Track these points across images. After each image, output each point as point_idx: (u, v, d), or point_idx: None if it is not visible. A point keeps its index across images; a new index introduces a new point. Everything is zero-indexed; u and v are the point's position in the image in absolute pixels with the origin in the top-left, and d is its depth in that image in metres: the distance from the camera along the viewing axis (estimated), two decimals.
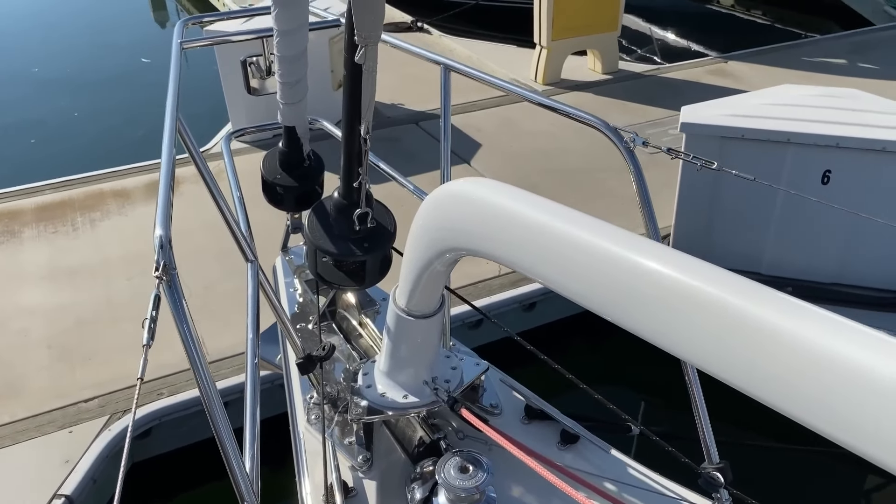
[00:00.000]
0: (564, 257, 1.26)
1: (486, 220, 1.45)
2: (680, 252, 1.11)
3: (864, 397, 0.83)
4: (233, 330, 4.21)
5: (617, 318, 1.16)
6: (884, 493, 4.23)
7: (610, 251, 1.16)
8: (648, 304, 1.10)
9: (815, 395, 0.88)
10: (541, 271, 1.32)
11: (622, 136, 1.84)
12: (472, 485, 1.75)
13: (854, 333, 0.88)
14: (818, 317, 0.92)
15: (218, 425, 1.37)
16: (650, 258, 1.11)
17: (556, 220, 1.29)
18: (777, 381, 0.93)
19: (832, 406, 0.86)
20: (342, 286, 2.17)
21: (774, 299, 0.97)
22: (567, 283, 1.26)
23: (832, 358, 0.87)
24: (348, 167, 1.93)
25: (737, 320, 0.97)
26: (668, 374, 2.00)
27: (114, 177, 6.25)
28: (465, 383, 2.06)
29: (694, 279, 1.04)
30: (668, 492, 1.90)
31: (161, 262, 1.39)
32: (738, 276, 1.03)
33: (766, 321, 0.94)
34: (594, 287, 1.21)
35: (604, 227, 1.23)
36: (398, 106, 7.48)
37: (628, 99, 7.72)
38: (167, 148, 1.77)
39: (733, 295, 0.99)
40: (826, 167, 4.28)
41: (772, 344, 0.92)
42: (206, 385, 1.38)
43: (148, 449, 3.89)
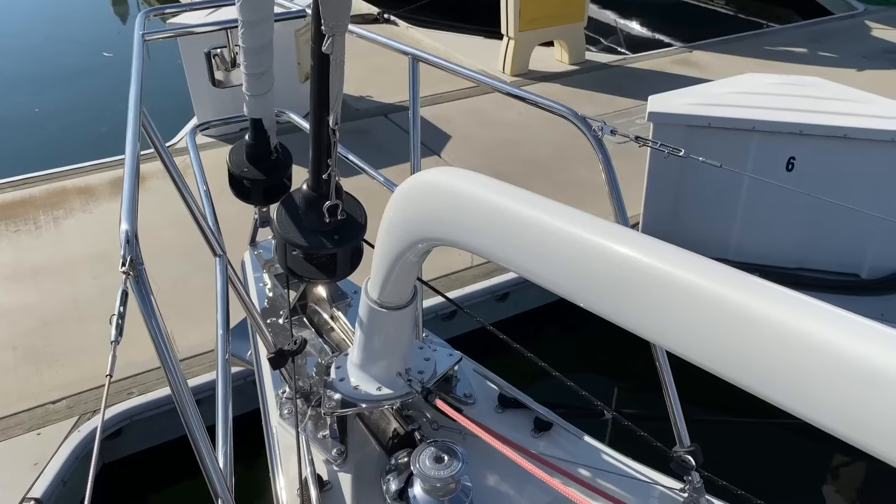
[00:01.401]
0: (535, 245, 1.26)
1: (456, 210, 1.44)
2: (649, 237, 1.13)
3: (829, 375, 0.85)
4: (203, 327, 4.16)
5: (588, 303, 1.17)
6: (851, 470, 4.33)
7: (580, 237, 1.17)
8: (619, 289, 1.11)
9: (784, 373, 0.90)
10: (512, 259, 1.32)
11: (590, 125, 1.85)
12: (447, 474, 1.76)
13: (821, 312, 0.90)
14: (785, 297, 0.94)
15: (190, 422, 1.36)
16: (620, 243, 1.12)
17: (527, 208, 1.29)
18: (744, 360, 0.94)
19: (803, 386, 0.88)
20: (313, 280, 2.16)
21: (744, 281, 0.99)
22: (538, 270, 1.27)
23: (800, 337, 0.88)
24: (317, 159, 1.92)
25: (706, 302, 0.98)
26: (639, 360, 2.03)
27: (77, 174, 6.12)
28: (439, 374, 2.06)
29: (664, 263, 1.05)
30: (640, 476, 1.92)
31: (127, 257, 1.36)
32: (707, 260, 1.05)
33: (734, 302, 0.95)
34: (565, 273, 1.21)
35: (573, 214, 1.24)
36: (366, 98, 7.44)
37: (595, 89, 7.77)
38: (131, 142, 1.73)
39: (702, 277, 1.01)
40: (790, 154, 4.36)
41: (740, 324, 0.94)
42: (177, 381, 1.36)
43: (119, 449, 3.83)
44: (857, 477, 4.34)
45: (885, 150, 4.26)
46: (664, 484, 1.90)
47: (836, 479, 4.32)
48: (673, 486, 1.89)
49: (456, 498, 1.79)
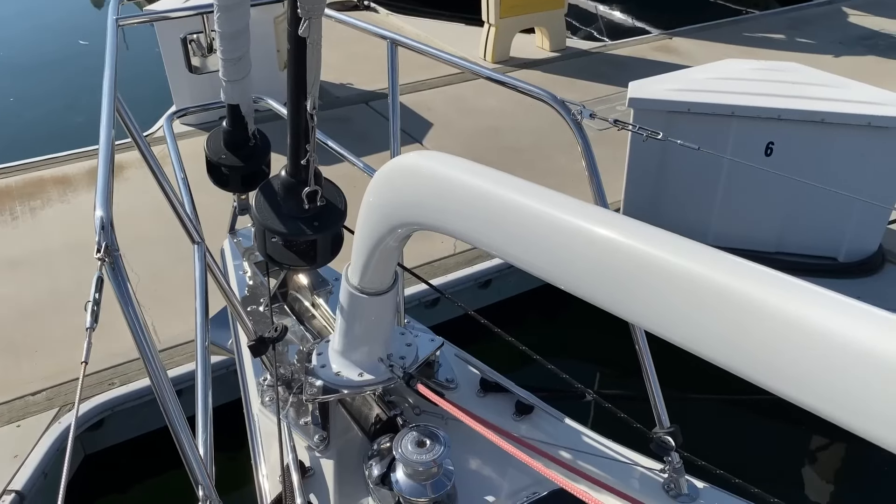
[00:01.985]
0: (515, 227, 1.26)
1: (436, 194, 1.44)
2: (628, 218, 1.13)
3: (808, 353, 0.86)
4: (184, 317, 4.13)
5: (567, 284, 1.18)
6: (828, 448, 4.40)
7: (558, 219, 1.18)
8: (598, 270, 1.11)
9: (763, 351, 0.91)
10: (492, 242, 1.32)
11: (569, 108, 1.85)
12: (429, 458, 1.77)
13: (802, 291, 0.90)
14: (764, 275, 0.95)
15: (168, 408, 1.35)
16: (598, 224, 1.12)
17: (506, 191, 1.29)
18: (723, 339, 0.95)
19: (783, 365, 0.89)
20: (293, 267, 2.15)
21: (723, 260, 0.99)
22: (518, 252, 1.27)
23: (780, 316, 0.89)
24: (295, 144, 1.90)
25: (686, 282, 0.99)
26: (620, 344, 2.04)
27: (54, 163, 6.03)
28: (421, 359, 2.06)
29: (644, 244, 1.06)
30: (621, 457, 1.94)
31: (102, 244, 1.35)
32: (688, 240, 1.05)
33: (713, 281, 0.96)
34: (544, 256, 1.22)
35: (552, 196, 1.24)
36: (347, 86, 7.39)
37: (576, 76, 7.77)
38: (105, 129, 1.71)
39: (682, 258, 1.01)
40: (769, 139, 4.39)
41: (719, 303, 0.95)
42: (154, 367, 1.35)
43: (100, 441, 3.80)
44: (833, 455, 4.42)
45: (861, 134, 4.30)
46: (644, 464, 1.92)
47: (813, 457, 4.40)
48: (653, 467, 1.91)
49: (438, 482, 1.80)
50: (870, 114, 4.26)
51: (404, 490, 1.79)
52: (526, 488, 1.89)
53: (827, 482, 4.26)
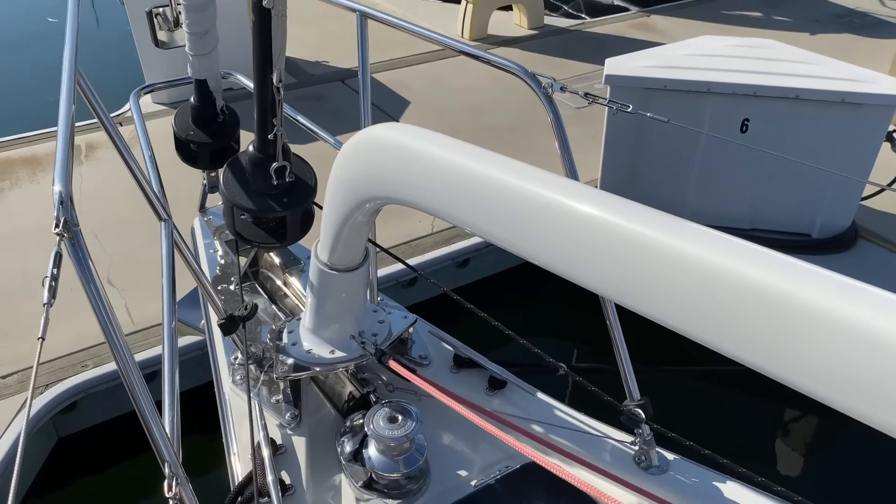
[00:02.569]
0: (484, 200, 1.25)
1: (404, 167, 1.42)
2: (601, 191, 1.12)
3: (775, 320, 0.86)
4: (158, 299, 4.06)
5: (537, 257, 1.17)
6: (799, 422, 4.48)
7: (529, 191, 1.16)
8: (566, 242, 1.10)
9: (734, 322, 0.90)
10: (462, 216, 1.31)
11: (540, 81, 1.83)
12: (401, 434, 1.76)
13: (772, 260, 0.90)
14: (735, 245, 0.94)
15: (132, 382, 1.33)
16: (570, 197, 1.11)
17: (476, 163, 1.28)
18: (694, 310, 0.95)
19: (753, 335, 0.88)
20: (263, 244, 2.12)
21: (695, 232, 0.99)
22: (487, 225, 1.25)
23: (750, 284, 0.88)
24: (262, 119, 1.87)
25: (657, 253, 0.98)
26: (593, 321, 2.04)
27: (23, 143, 5.92)
28: (394, 336, 2.05)
29: (617, 217, 1.05)
30: (592, 430, 1.95)
31: (61, 219, 1.31)
32: (661, 213, 1.04)
33: (682, 252, 0.96)
34: (514, 229, 1.20)
35: (522, 169, 1.22)
36: (322, 63, 7.30)
37: (554, 54, 7.74)
38: (65, 101, 1.66)
39: (653, 230, 1.00)
40: (744, 116, 4.40)
41: (688, 273, 0.94)
42: (115, 338, 1.32)
43: (74, 423, 3.77)
44: (803, 427, 4.50)
45: (835, 111, 4.33)
46: (615, 437, 1.93)
47: (783, 429, 4.47)
48: (624, 439, 1.92)
49: (410, 457, 1.80)
50: (844, 90, 4.29)
51: (376, 466, 1.79)
52: (498, 462, 1.89)
53: (796, 453, 4.34)
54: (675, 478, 1.83)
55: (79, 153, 5.57)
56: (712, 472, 1.83)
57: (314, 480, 1.86)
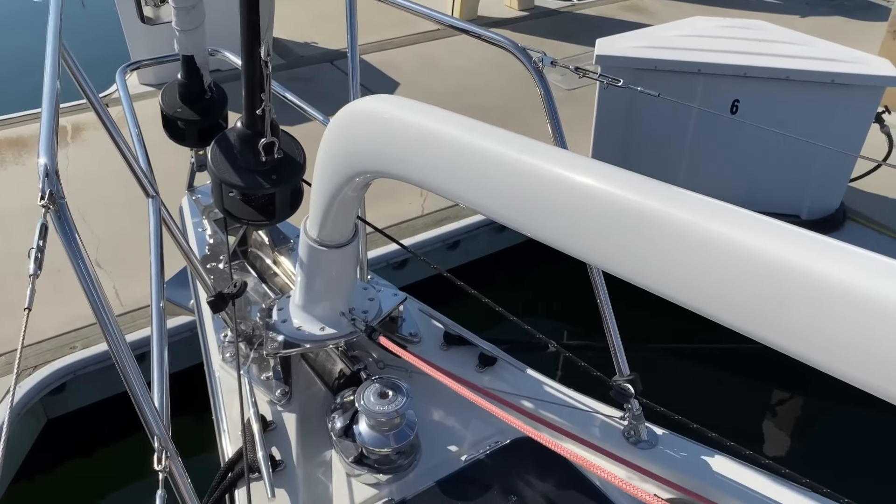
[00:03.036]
0: (476, 171, 1.24)
1: (393, 139, 1.41)
2: (592, 160, 1.12)
3: (769, 284, 0.86)
4: (146, 280, 4.03)
5: (529, 228, 1.16)
6: (788, 400, 4.52)
7: (521, 161, 1.16)
8: (556, 210, 1.10)
9: (726, 287, 0.90)
10: (453, 188, 1.30)
11: (530, 56, 1.82)
12: (391, 409, 1.76)
13: (768, 227, 0.90)
14: (725, 210, 0.94)
15: (120, 354, 1.32)
16: (562, 165, 1.11)
17: (466, 134, 1.27)
18: (684, 276, 0.95)
19: (744, 299, 0.88)
20: (252, 222, 2.10)
21: (684, 196, 0.99)
22: (477, 197, 1.25)
23: (743, 249, 0.88)
24: (250, 93, 1.85)
25: (656, 222, 0.98)
26: (585, 304, 2.04)
27: (7, 124, 5.85)
28: (384, 313, 2.04)
29: (610, 185, 1.05)
30: (581, 405, 1.96)
31: (46, 191, 1.30)
32: (658, 182, 1.04)
33: (674, 217, 0.96)
34: (506, 199, 1.20)
35: (514, 139, 1.22)
36: (311, 44, 7.23)
37: (545, 35, 7.70)
38: (50, 74, 1.64)
39: (650, 197, 1.00)
40: (735, 97, 4.40)
41: (679, 239, 0.94)
42: (101, 309, 1.31)
43: (63, 405, 3.75)
44: (792, 404, 4.54)
45: (825, 91, 4.33)
46: (604, 412, 1.94)
47: (771, 406, 4.52)
48: (613, 414, 1.93)
49: (401, 432, 1.80)
50: (833, 71, 4.29)
51: (367, 441, 1.79)
52: (488, 438, 1.90)
53: (783, 429, 4.39)
54: (664, 452, 1.84)
55: (64, 135, 5.52)
56: (701, 446, 1.84)
57: (305, 456, 1.86)
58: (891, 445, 3.94)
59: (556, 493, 1.71)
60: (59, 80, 1.69)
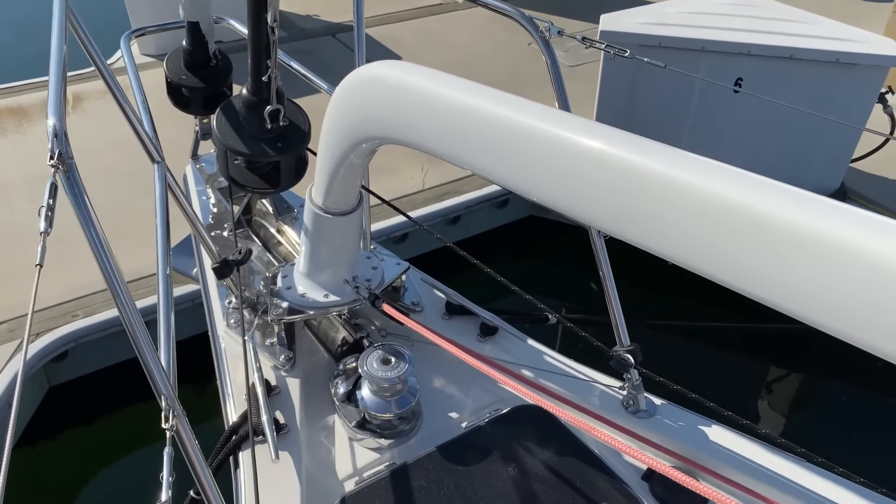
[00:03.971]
0: (484, 136, 1.24)
1: (403, 104, 1.41)
2: (600, 124, 1.13)
3: (766, 244, 0.87)
4: (149, 250, 3.99)
5: (538, 193, 1.17)
6: (786, 376, 4.56)
7: (529, 125, 1.16)
8: (574, 177, 1.10)
9: (732, 250, 0.92)
10: (461, 154, 1.30)
11: (537, 25, 1.82)
12: (394, 375, 1.78)
13: (773, 189, 0.92)
14: (732, 173, 0.96)
15: (126, 311, 1.33)
16: (571, 129, 1.11)
17: (474, 98, 1.27)
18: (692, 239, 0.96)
19: (749, 261, 0.90)
20: (256, 190, 2.11)
21: (694, 161, 1.00)
22: (488, 163, 1.25)
23: (752, 211, 0.90)
24: (256, 60, 1.84)
25: (661, 183, 0.99)
26: (585, 281, 2.06)
27: (8, 93, 5.82)
28: (387, 282, 2.06)
29: (615, 147, 1.06)
30: (581, 375, 1.98)
31: (56, 151, 1.30)
32: (661, 144, 1.05)
33: (684, 180, 0.97)
34: (515, 164, 1.20)
35: (523, 104, 1.22)
36: (313, 17, 7.18)
37: (546, 10, 7.60)
38: (57, 34, 1.63)
39: (656, 159, 1.02)
40: (738, 75, 4.39)
41: (688, 201, 0.96)
42: (110, 269, 1.33)
43: (64, 372, 3.78)
44: (791, 380, 4.58)
45: (829, 70, 4.32)
46: (604, 382, 1.97)
47: (770, 381, 4.55)
48: (612, 384, 1.96)
49: (403, 398, 1.83)
50: (838, 50, 4.27)
51: (369, 406, 1.82)
52: (489, 405, 1.93)
53: (781, 402, 4.42)
54: (662, 421, 1.87)
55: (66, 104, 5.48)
56: (698, 416, 1.87)
57: (308, 420, 1.89)
58: (885, 419, 3.99)
59: (555, 459, 1.74)
60: (66, 43, 1.68)
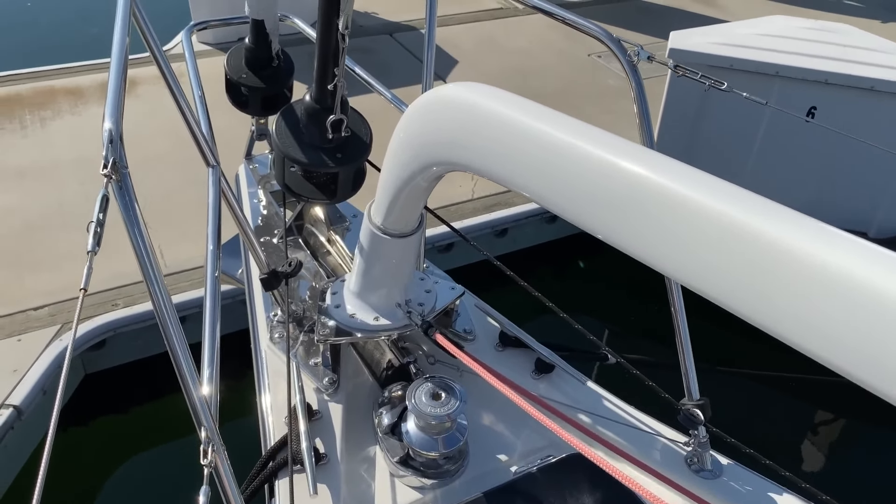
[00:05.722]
0: (570, 175, 1.13)
1: (478, 131, 1.30)
2: (686, 165, 1.02)
3: (858, 313, 0.77)
4: (192, 241, 4.03)
5: (617, 239, 1.06)
6: (876, 440, 4.22)
7: (624, 168, 1.05)
8: (648, 221, 1.01)
9: (811, 313, 0.82)
10: (542, 191, 1.19)
11: (625, 49, 1.69)
12: (443, 412, 1.67)
13: (856, 247, 0.82)
14: (817, 229, 0.86)
15: (172, 341, 1.24)
16: (666, 175, 1.00)
17: (562, 132, 1.16)
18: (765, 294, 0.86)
19: (839, 333, 0.80)
20: (311, 199, 2.02)
21: (779, 212, 0.91)
22: (571, 203, 1.14)
23: (837, 275, 0.80)
24: (323, 67, 1.75)
25: (746, 234, 0.89)
26: (649, 305, 1.92)
27: (66, 73, 5.86)
28: (439, 308, 1.95)
29: (703, 193, 0.95)
30: (643, 425, 1.85)
31: (110, 159, 1.22)
32: (748, 192, 0.96)
33: (772, 236, 0.87)
34: (601, 208, 1.09)
35: (610, 140, 1.11)
36: (372, 14, 7.12)
37: (608, 22, 7.42)
38: (120, 31, 1.56)
39: (743, 209, 0.91)
40: (812, 103, 4.19)
41: (769, 258, 0.86)
42: (160, 296, 1.24)
43: (101, 361, 3.75)
44: (878, 443, 4.13)
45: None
46: (667, 436, 1.83)
47: (855, 445, 4.17)
48: (677, 439, 1.82)
49: (451, 437, 1.71)
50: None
51: (414, 442, 1.71)
52: (540, 450, 1.80)
53: (869, 472, 4.00)
54: (728, 484, 1.72)
55: None
56: (769, 482, 1.72)
57: (349, 451, 1.79)
58: None
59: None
60: (129, 37, 1.61)
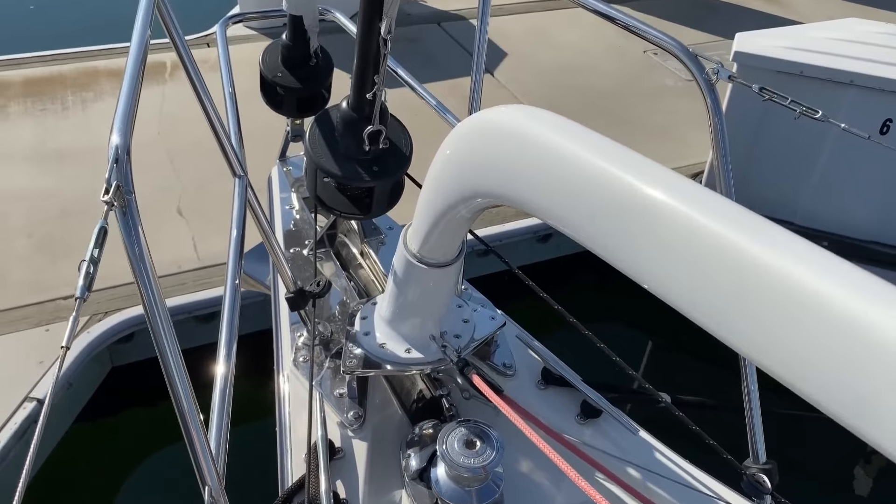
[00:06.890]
0: (636, 223, 0.97)
1: (534, 164, 1.13)
2: (772, 223, 0.86)
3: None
4: (225, 236, 3.92)
5: (696, 309, 0.90)
6: None
7: (696, 221, 0.88)
8: (724, 291, 0.87)
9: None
10: (603, 239, 1.02)
11: (703, 66, 1.49)
12: (478, 463, 1.50)
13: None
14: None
15: (179, 397, 1.10)
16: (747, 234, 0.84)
17: (631, 175, 0.98)
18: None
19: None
20: (344, 214, 1.87)
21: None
22: (634, 256, 0.98)
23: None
24: (362, 74, 1.59)
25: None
26: (707, 341, 1.72)
27: (110, 55, 5.81)
28: (477, 340, 1.79)
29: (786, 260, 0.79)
30: (702, 487, 1.66)
31: (113, 182, 1.07)
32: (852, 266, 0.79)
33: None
34: (674, 267, 0.92)
35: (689, 187, 0.94)
36: (419, 2, 6.92)
37: (667, 18, 7.14)
38: (141, 26, 1.42)
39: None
40: (888, 115, 3.88)
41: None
42: (168, 347, 1.10)
43: (128, 354, 3.68)
44: None
45: None
46: (727, 498, 1.64)
47: None
48: (737, 503, 1.62)
49: (485, 489, 1.55)
50: None
51: (444, 492, 1.55)
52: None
53: None
54: None
55: (162, 71, 5.42)
56: None
57: (371, 496, 1.64)
58: None
59: None
60: (150, 29, 1.47)
